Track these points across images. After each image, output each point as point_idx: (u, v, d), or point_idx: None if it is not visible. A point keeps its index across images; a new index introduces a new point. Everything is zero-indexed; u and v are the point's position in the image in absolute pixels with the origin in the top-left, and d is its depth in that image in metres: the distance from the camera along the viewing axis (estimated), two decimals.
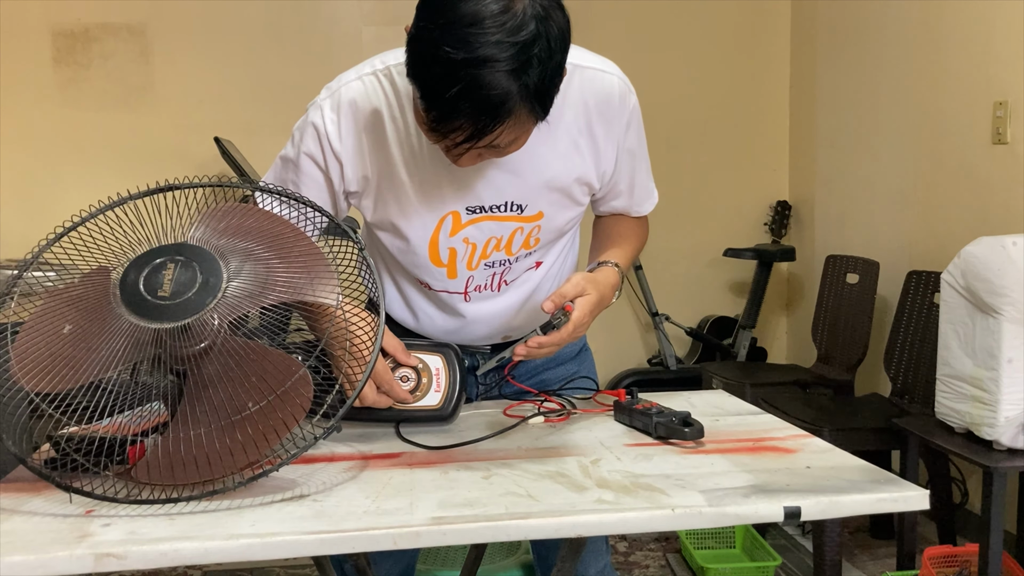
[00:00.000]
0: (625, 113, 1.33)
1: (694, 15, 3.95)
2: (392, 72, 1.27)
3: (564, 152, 1.30)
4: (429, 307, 1.43)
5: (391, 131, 1.27)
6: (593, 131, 1.31)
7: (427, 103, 1.07)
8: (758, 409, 1.40)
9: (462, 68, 1.02)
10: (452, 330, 1.44)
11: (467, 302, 1.40)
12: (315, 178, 1.31)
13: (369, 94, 1.27)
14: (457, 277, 1.37)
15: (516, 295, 1.42)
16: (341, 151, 1.28)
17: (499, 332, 1.46)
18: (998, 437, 2.11)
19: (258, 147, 3.41)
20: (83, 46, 3.55)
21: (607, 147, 1.33)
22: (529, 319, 1.45)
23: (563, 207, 1.35)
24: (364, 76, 1.28)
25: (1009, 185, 2.71)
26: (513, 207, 1.31)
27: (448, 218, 1.31)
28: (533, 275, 1.43)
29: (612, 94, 1.30)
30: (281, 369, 1.05)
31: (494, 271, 1.38)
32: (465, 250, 1.34)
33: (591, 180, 1.34)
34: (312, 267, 1.14)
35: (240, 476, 1.02)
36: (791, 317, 4.16)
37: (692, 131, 3.99)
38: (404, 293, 1.44)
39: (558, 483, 1.05)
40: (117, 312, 1.03)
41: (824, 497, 0.99)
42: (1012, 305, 2.07)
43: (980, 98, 2.81)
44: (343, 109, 1.27)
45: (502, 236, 1.34)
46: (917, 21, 3.13)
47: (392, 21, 3.45)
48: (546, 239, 1.38)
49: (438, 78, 1.03)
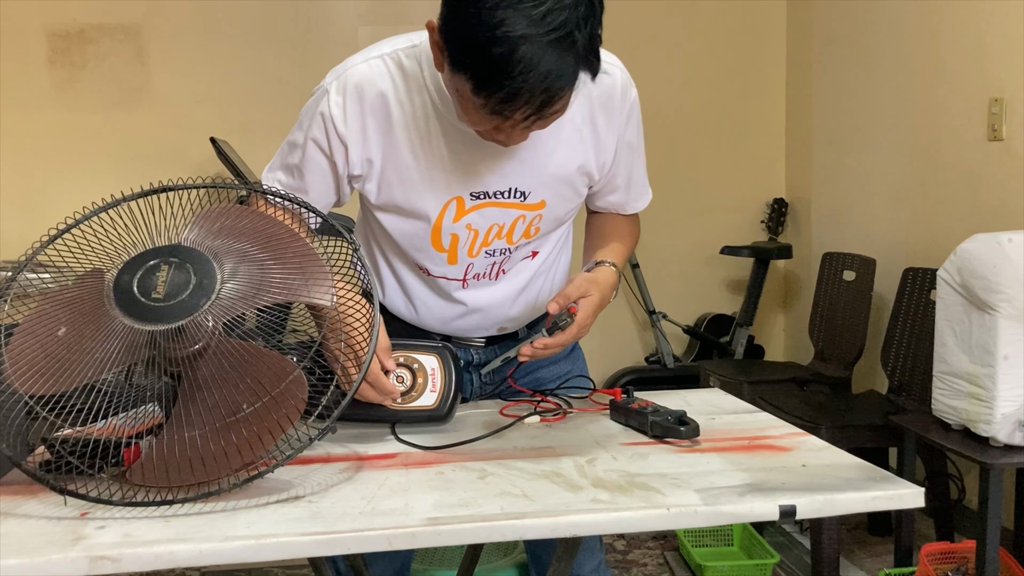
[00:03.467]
0: (626, 106, 1.35)
1: (691, 14, 3.95)
2: (400, 55, 1.28)
3: (568, 140, 1.32)
4: (426, 293, 1.43)
5: (397, 114, 1.28)
6: (595, 122, 1.33)
7: (490, 87, 1.06)
8: (754, 407, 1.40)
9: (521, 44, 1.02)
10: (448, 319, 1.45)
11: (465, 289, 1.41)
12: (319, 163, 1.31)
13: (375, 77, 1.27)
14: (457, 263, 1.38)
15: (512, 284, 1.43)
16: (346, 134, 1.28)
17: (495, 323, 1.46)
18: (994, 434, 2.11)
19: (255, 147, 3.41)
20: (78, 47, 3.54)
21: (608, 138, 1.35)
22: (524, 310, 1.46)
23: (564, 197, 1.36)
24: (371, 60, 1.28)
25: (1005, 181, 2.71)
26: (516, 194, 1.32)
27: (452, 203, 1.32)
28: (529, 264, 1.43)
29: (615, 86, 1.32)
30: (276, 370, 1.05)
31: (494, 260, 1.39)
32: (467, 236, 1.35)
33: (591, 170, 1.36)
34: (307, 268, 1.14)
35: (235, 478, 1.01)
36: (788, 314, 4.17)
37: (689, 129, 3.99)
38: (401, 280, 1.44)
39: (554, 483, 1.05)
40: (111, 314, 1.03)
41: (819, 495, 0.99)
42: (1008, 302, 2.07)
43: (976, 95, 2.81)
44: (348, 92, 1.27)
45: (504, 223, 1.34)
46: (913, 18, 3.13)
47: (388, 20, 3.45)
48: (545, 229, 1.39)
49: (499, 60, 1.03)
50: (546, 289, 1.47)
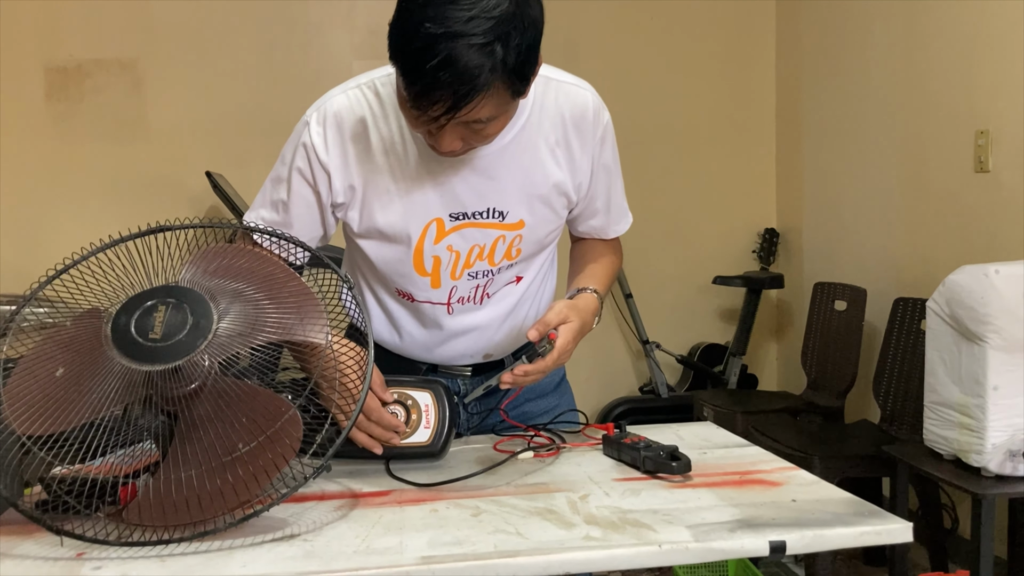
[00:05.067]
0: (599, 128, 1.39)
1: (681, 46, 4.00)
2: (376, 84, 1.33)
3: (542, 159, 1.35)
4: (412, 322, 1.45)
5: (376, 139, 1.32)
6: (569, 142, 1.36)
7: (408, 79, 1.12)
8: (745, 441, 1.42)
9: (441, 41, 1.08)
10: (434, 345, 1.46)
11: (450, 315, 1.42)
12: (304, 195, 1.35)
13: (353, 106, 1.32)
14: (441, 287, 1.40)
15: (497, 310, 1.45)
16: (328, 161, 1.32)
17: (481, 349, 1.48)
18: (986, 464, 2.12)
19: (250, 179, 3.43)
20: (75, 81, 3.57)
21: (583, 159, 1.38)
22: (510, 337, 1.47)
23: (543, 217, 1.39)
24: (349, 90, 1.34)
25: (992, 212, 2.74)
26: (495, 214, 1.35)
27: (432, 225, 1.34)
28: (514, 290, 1.45)
29: (587, 108, 1.36)
30: (271, 409, 1.06)
31: (477, 282, 1.41)
32: (449, 258, 1.37)
33: (568, 191, 1.39)
34: (302, 306, 1.15)
35: (231, 517, 1.02)
36: (781, 344, 4.18)
37: (681, 159, 4.03)
38: (386, 307, 1.46)
39: (547, 520, 1.06)
40: (109, 355, 1.05)
41: (809, 531, 1.01)
42: (996, 332, 2.09)
43: (962, 127, 2.85)
44: (328, 121, 1.32)
45: (485, 244, 1.37)
46: (900, 53, 3.18)
47: (382, 55, 3.47)
48: (527, 251, 1.41)
49: (418, 52, 1.09)
50: (531, 315, 1.49)
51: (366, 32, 3.72)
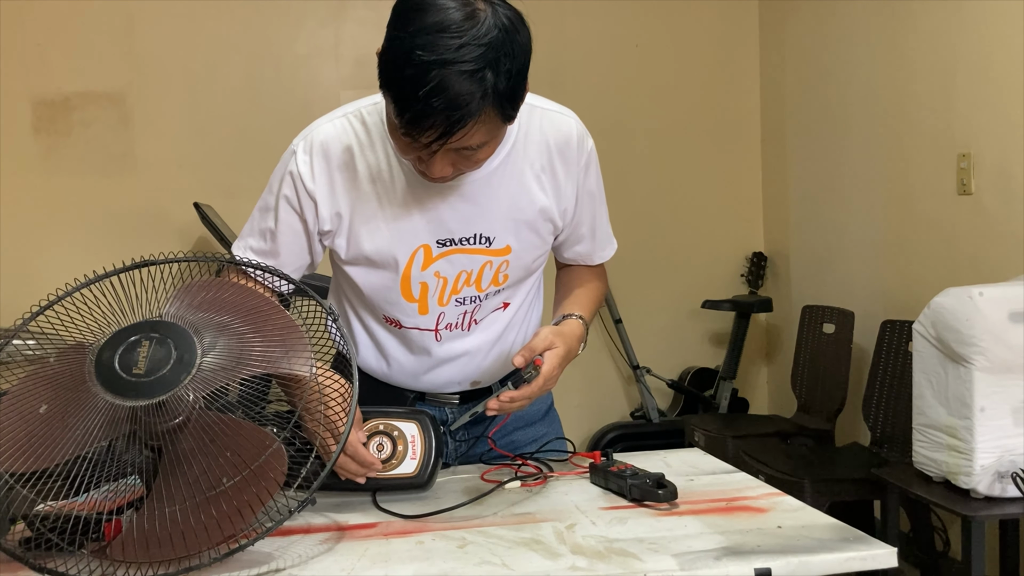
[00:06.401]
0: (584, 155, 1.40)
1: (666, 73, 4.04)
2: (363, 113, 1.34)
3: (528, 185, 1.36)
4: (400, 349, 1.45)
5: (362, 167, 1.33)
6: (554, 169, 1.38)
7: (400, 106, 1.12)
8: (733, 468, 1.42)
9: (432, 68, 1.09)
10: (422, 372, 1.46)
11: (438, 341, 1.43)
12: (291, 224, 1.36)
13: (340, 134, 1.34)
14: (428, 313, 1.40)
15: (485, 336, 1.45)
16: (315, 190, 1.33)
17: (469, 376, 1.48)
18: (975, 486, 2.13)
19: (238, 210, 3.42)
20: (63, 115, 3.58)
21: (567, 186, 1.40)
22: (497, 363, 1.48)
23: (529, 243, 1.40)
24: (335, 119, 1.35)
25: (975, 234, 2.77)
26: (481, 239, 1.36)
27: (420, 251, 1.35)
28: (501, 316, 1.46)
29: (571, 135, 1.38)
30: (255, 443, 1.06)
31: (464, 308, 1.41)
32: (436, 284, 1.38)
33: (554, 216, 1.40)
34: (287, 339, 1.16)
35: (216, 551, 1.02)
36: (771, 367, 4.19)
37: (669, 185, 4.05)
38: (373, 334, 1.46)
39: (533, 550, 1.06)
40: (93, 390, 1.04)
41: (794, 558, 1.01)
42: (982, 354, 2.11)
43: (945, 150, 2.88)
44: (315, 150, 1.33)
45: (472, 270, 1.37)
46: (882, 78, 3.22)
47: (370, 85, 3.49)
48: (514, 276, 1.42)
49: (410, 80, 1.10)
50: (519, 342, 1.49)
51: (353, 63, 3.75)
